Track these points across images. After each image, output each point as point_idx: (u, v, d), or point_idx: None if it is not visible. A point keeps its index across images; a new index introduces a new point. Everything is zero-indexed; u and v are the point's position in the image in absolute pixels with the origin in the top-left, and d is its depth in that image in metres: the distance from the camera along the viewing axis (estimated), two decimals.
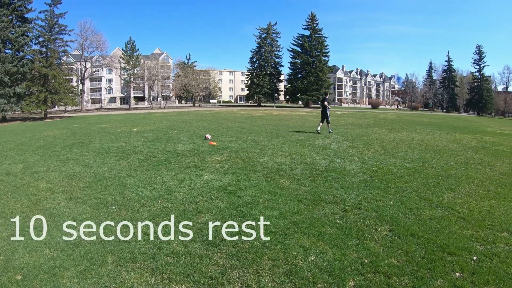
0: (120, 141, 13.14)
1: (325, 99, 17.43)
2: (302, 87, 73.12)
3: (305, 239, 4.45)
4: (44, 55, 39.90)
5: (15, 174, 7.98)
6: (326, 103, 16.99)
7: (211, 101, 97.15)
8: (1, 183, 7.18)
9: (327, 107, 16.79)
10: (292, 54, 77.22)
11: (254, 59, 78.23)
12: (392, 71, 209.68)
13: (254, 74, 77.16)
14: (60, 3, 42.60)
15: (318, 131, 16.49)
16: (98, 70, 72.46)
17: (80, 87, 61.56)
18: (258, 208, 5.54)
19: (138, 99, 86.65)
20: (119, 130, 17.70)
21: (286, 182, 7.16)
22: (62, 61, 45.03)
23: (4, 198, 6.15)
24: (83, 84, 64.01)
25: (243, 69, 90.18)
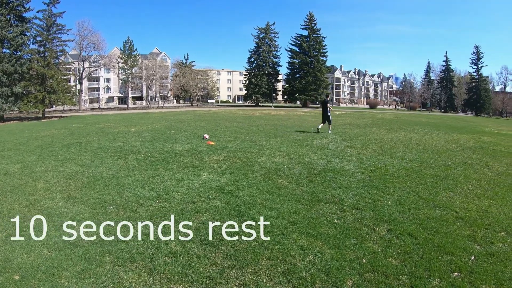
0: (118, 141, 13.11)
1: (327, 101, 17.53)
2: (300, 87, 73.11)
3: (303, 239, 4.45)
4: (42, 55, 39.83)
5: (13, 174, 7.95)
6: (329, 105, 17.17)
7: (209, 101, 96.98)
8: None
9: (329, 109, 16.91)
10: (290, 54, 77.18)
11: (252, 59, 78.05)
12: (390, 71, 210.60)
13: (252, 74, 77.02)
14: (58, 3, 42.51)
15: (318, 130, 16.64)
16: (96, 70, 72.22)
17: (78, 87, 61.34)
18: (256, 208, 5.54)
19: (136, 99, 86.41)
20: (117, 130, 17.66)
21: (284, 182, 7.16)
22: (60, 61, 44.90)
23: (2, 198, 6.13)
24: (81, 84, 63.84)
25: (241, 69, 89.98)
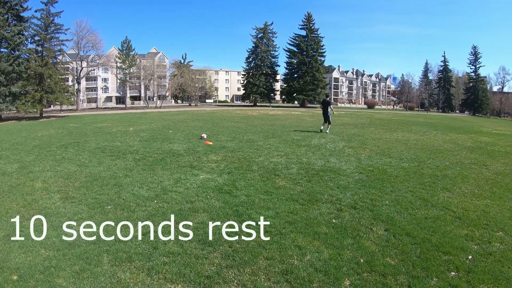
0: (116, 141, 13.08)
1: (328, 101, 17.55)
2: (298, 87, 73.07)
3: (301, 239, 4.46)
4: (40, 54, 39.68)
5: (11, 174, 7.92)
6: (331, 107, 17.33)
7: (207, 101, 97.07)
8: None
9: (330, 110, 17.02)
10: (288, 54, 77.12)
11: (250, 59, 77.98)
12: (388, 71, 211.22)
13: (250, 74, 76.97)
14: (56, 2, 42.62)
15: (322, 130, 16.78)
16: (94, 70, 72.00)
17: (76, 87, 61.17)
18: (254, 208, 5.54)
19: (134, 99, 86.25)
20: (115, 130, 17.62)
21: (282, 182, 7.17)
22: (58, 60, 44.82)
23: (0, 198, 6.12)
24: (79, 84, 63.74)
25: (239, 69, 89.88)
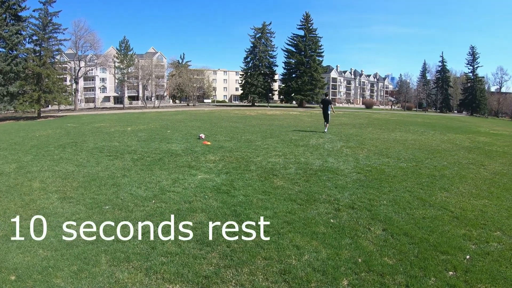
0: (114, 141, 13.06)
1: (328, 100, 17.55)
2: (296, 87, 73.03)
3: (299, 239, 4.46)
4: (38, 54, 39.45)
5: (8, 174, 7.90)
6: (331, 106, 17.35)
7: (205, 101, 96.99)
8: None
9: (331, 109, 17.04)
10: (287, 54, 77.07)
11: (249, 59, 77.88)
12: (386, 72, 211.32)
13: (249, 74, 76.85)
14: (54, 2, 42.23)
15: (325, 132, 16.71)
16: (92, 69, 71.76)
17: (74, 86, 60.85)
18: (252, 208, 5.54)
19: (132, 99, 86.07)
20: (113, 130, 17.59)
21: (280, 182, 7.17)
22: (56, 60, 44.56)
23: None
24: (77, 83, 63.47)
25: (237, 69, 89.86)
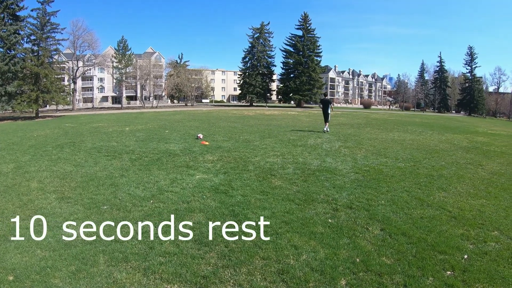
0: (112, 141, 13.04)
1: (327, 100, 17.57)
2: (295, 87, 73.12)
3: (297, 238, 4.46)
4: (36, 54, 39.37)
5: (6, 174, 7.88)
6: (331, 106, 17.41)
7: (204, 101, 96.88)
8: None
9: (331, 108, 17.07)
10: (285, 54, 77.16)
11: (247, 59, 77.83)
12: (384, 72, 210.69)
13: (247, 74, 76.81)
14: (52, 1, 42.15)
15: (326, 131, 16.71)
16: (90, 69, 71.58)
17: (72, 86, 60.76)
18: (250, 208, 5.54)
19: (130, 99, 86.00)
20: (111, 130, 17.56)
21: (278, 182, 7.17)
22: (54, 60, 44.42)
23: None
24: (75, 83, 63.38)
25: (236, 69, 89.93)
